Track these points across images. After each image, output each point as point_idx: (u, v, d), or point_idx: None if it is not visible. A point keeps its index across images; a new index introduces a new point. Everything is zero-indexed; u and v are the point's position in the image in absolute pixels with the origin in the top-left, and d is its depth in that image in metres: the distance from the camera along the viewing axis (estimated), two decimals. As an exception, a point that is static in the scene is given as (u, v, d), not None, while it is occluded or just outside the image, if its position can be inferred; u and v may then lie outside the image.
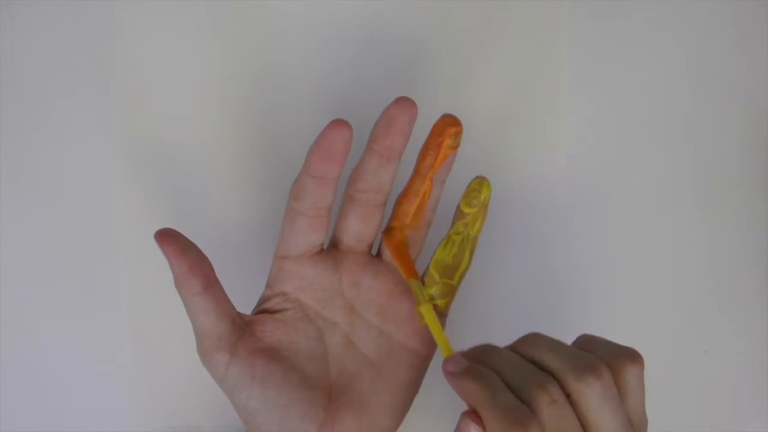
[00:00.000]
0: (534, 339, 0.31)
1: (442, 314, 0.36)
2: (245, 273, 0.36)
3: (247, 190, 0.41)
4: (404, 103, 0.32)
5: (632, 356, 0.30)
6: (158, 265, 0.40)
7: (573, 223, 0.43)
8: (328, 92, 0.41)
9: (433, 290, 0.35)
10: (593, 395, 0.28)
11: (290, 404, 0.32)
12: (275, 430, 0.32)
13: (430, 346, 0.35)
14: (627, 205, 0.43)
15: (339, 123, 0.31)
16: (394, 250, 0.35)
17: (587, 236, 0.43)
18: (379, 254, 0.36)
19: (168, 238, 0.31)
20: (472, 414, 0.29)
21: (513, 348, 0.31)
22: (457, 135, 0.34)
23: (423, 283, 0.36)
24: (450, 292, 0.35)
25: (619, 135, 0.43)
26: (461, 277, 0.35)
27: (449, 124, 0.34)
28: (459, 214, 0.35)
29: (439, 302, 0.35)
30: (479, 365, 0.30)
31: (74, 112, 0.41)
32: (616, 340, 0.31)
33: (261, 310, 0.34)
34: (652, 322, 0.43)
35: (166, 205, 0.41)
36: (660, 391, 0.43)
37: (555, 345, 0.30)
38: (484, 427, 0.29)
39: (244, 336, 0.33)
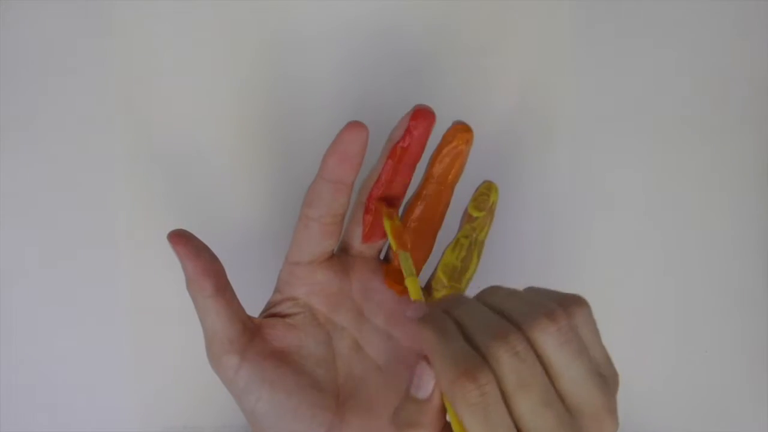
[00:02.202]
0: (493, 289, 0.29)
1: None
2: (249, 276, 0.36)
3: (253, 193, 0.41)
4: (424, 111, 0.33)
5: (576, 301, 0.28)
6: (159, 265, 0.40)
7: (576, 225, 0.43)
8: (339, 97, 0.41)
9: (441, 294, 0.35)
10: (550, 340, 0.26)
11: (299, 407, 0.32)
12: None
13: None
14: (628, 205, 0.43)
15: (356, 125, 0.31)
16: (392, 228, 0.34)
17: (590, 237, 0.43)
18: (387, 259, 0.36)
19: (181, 239, 0.31)
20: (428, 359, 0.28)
21: (477, 299, 0.29)
22: (468, 142, 0.34)
23: (431, 286, 0.36)
24: (458, 295, 0.35)
25: (622, 136, 0.43)
26: (469, 280, 0.35)
27: (461, 130, 0.34)
28: (467, 217, 0.35)
29: (447, 305, 0.35)
30: (440, 312, 0.28)
31: (77, 113, 0.40)
32: (617, 341, 0.31)
33: (270, 314, 0.34)
34: (653, 322, 0.44)
35: (170, 207, 0.41)
36: (660, 391, 0.44)
37: (511, 293, 0.29)
38: None
39: (254, 339, 0.33)
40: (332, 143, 0.31)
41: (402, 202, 0.35)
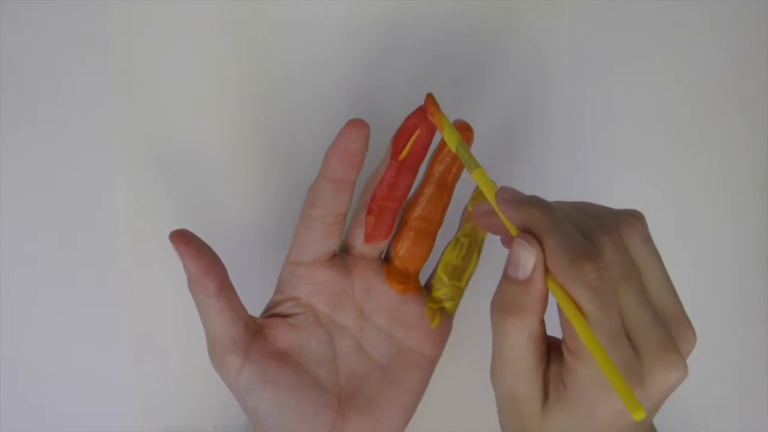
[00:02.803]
0: (563, 202, 0.30)
1: (448, 316, 0.36)
2: (250, 276, 0.36)
3: (254, 193, 0.41)
4: (426, 112, 0.33)
5: (637, 212, 0.29)
6: (159, 265, 0.40)
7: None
8: (340, 97, 0.41)
9: (441, 292, 0.35)
10: (637, 236, 0.27)
11: (301, 407, 0.32)
12: None
13: (438, 348, 0.36)
14: (627, 205, 0.43)
15: (357, 123, 0.31)
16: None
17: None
18: (387, 258, 0.36)
19: (183, 239, 0.31)
20: (529, 236, 0.27)
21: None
22: (469, 140, 0.34)
23: (431, 285, 0.36)
24: (458, 294, 0.35)
25: (621, 136, 0.43)
26: (469, 279, 0.35)
27: (461, 128, 0.34)
28: (467, 216, 0.35)
29: (447, 305, 0.35)
30: (540, 199, 0.28)
31: (76, 113, 0.40)
32: None
33: (272, 314, 0.34)
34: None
35: (171, 207, 0.41)
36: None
37: (583, 203, 0.30)
38: (542, 250, 0.27)
39: (256, 339, 0.33)
40: (334, 141, 0.31)
41: (404, 202, 0.35)
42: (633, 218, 0.28)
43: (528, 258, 0.27)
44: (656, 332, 0.26)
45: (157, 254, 0.40)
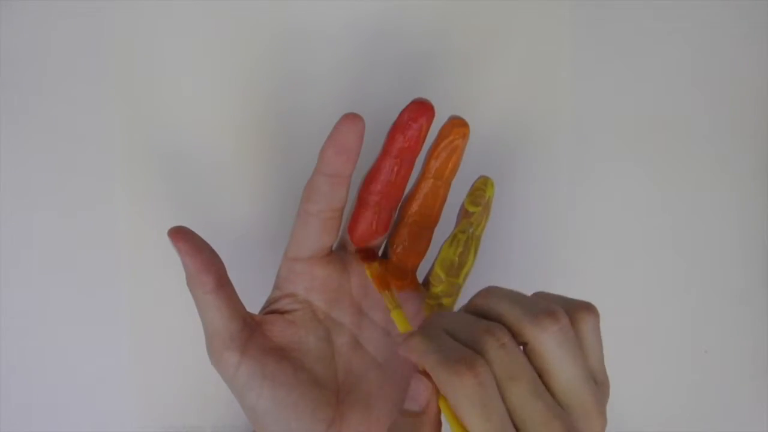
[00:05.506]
0: (489, 290, 0.30)
1: None
2: (248, 273, 0.36)
3: (252, 191, 0.41)
4: (422, 104, 0.33)
5: (587, 307, 0.29)
6: (159, 265, 0.41)
7: (574, 224, 0.43)
8: (337, 95, 0.41)
9: (439, 289, 0.35)
10: (551, 340, 0.27)
11: (300, 403, 0.32)
12: (284, 430, 0.32)
13: None
14: (627, 204, 0.43)
15: (351, 116, 0.31)
16: (376, 277, 0.34)
17: (588, 236, 0.43)
18: (385, 255, 0.36)
19: (182, 235, 0.31)
20: (423, 371, 0.28)
21: (469, 303, 0.30)
22: (465, 136, 0.34)
23: (429, 282, 0.36)
24: (455, 291, 0.35)
25: (621, 135, 0.43)
26: (466, 275, 0.35)
27: (457, 125, 0.34)
28: (464, 213, 0.35)
29: (445, 301, 0.35)
30: (426, 326, 0.29)
31: (76, 112, 0.41)
32: (617, 341, 0.31)
33: (270, 311, 0.34)
34: (653, 322, 0.43)
35: (170, 205, 0.41)
36: (660, 391, 0.44)
37: (511, 294, 0.29)
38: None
39: (254, 335, 0.33)
40: (329, 136, 0.32)
41: (401, 198, 0.35)
42: (551, 321, 0.27)
43: (423, 391, 0.28)
44: (550, 426, 0.26)
45: (156, 253, 0.40)
